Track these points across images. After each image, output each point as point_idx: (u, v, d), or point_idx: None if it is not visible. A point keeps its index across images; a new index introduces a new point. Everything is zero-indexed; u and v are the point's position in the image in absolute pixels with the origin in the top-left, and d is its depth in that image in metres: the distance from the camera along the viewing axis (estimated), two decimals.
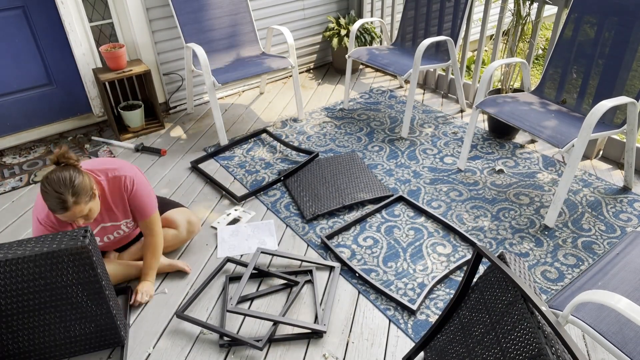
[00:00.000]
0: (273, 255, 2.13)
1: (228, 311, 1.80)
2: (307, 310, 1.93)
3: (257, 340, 1.77)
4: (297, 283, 2.03)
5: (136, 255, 2.14)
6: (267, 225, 2.32)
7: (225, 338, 1.81)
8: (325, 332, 1.80)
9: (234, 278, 2.08)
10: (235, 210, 2.51)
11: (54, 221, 1.77)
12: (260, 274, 2.10)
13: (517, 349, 1.18)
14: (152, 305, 1.99)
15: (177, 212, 2.19)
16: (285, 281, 2.06)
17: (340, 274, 2.09)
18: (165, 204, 2.23)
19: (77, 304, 1.66)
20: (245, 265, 2.12)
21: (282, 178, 2.71)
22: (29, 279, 1.56)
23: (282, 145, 3.08)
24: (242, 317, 1.91)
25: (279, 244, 2.28)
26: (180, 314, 1.87)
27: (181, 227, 2.16)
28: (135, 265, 2.07)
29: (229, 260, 2.14)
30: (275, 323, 1.84)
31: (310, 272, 2.09)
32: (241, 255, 2.20)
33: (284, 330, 1.85)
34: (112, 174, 1.84)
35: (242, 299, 1.99)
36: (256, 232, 2.33)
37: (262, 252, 2.11)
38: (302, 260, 2.15)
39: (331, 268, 2.12)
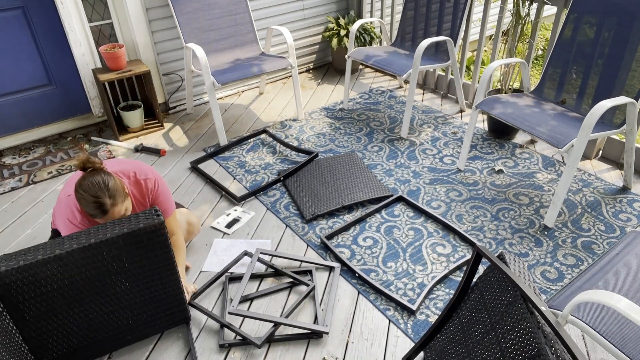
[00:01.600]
0: (272, 255, 2.13)
1: (229, 313, 1.80)
2: (306, 311, 1.93)
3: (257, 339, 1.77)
4: (307, 284, 2.01)
5: None
6: (263, 244, 2.27)
7: (225, 338, 1.81)
8: (327, 333, 1.80)
9: (234, 278, 2.08)
10: (235, 210, 2.50)
11: (88, 221, 1.77)
12: (276, 273, 2.09)
13: (516, 349, 1.18)
14: None
15: (176, 213, 2.18)
16: (290, 280, 2.06)
17: (340, 274, 2.09)
18: None
19: (153, 284, 1.68)
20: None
21: (281, 178, 2.71)
22: (108, 262, 1.57)
23: (281, 146, 3.08)
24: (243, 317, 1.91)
25: (278, 245, 2.28)
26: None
27: (181, 228, 2.15)
28: None
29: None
30: (276, 324, 1.84)
31: (310, 272, 2.09)
32: (231, 273, 2.11)
33: (284, 330, 1.85)
34: (135, 177, 1.86)
35: (243, 299, 1.99)
36: (250, 250, 2.23)
37: (261, 253, 2.11)
38: (301, 261, 2.15)
39: (331, 268, 2.12)
